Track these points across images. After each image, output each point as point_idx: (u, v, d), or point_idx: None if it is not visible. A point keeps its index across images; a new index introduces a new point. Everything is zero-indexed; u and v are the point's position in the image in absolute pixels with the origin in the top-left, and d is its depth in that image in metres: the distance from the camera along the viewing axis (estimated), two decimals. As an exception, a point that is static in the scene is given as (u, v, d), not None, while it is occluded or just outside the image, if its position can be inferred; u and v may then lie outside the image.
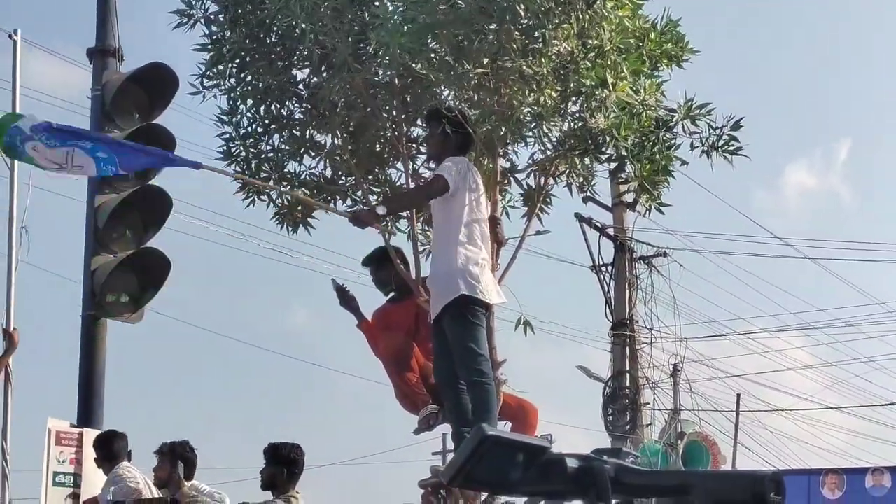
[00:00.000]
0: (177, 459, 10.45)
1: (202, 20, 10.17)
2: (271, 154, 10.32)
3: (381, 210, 8.83)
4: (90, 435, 11.82)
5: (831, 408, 31.41)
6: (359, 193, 10.31)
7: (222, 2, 10.06)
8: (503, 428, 8.92)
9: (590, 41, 9.21)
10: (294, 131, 10.30)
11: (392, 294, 9.95)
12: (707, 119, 9.86)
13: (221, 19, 10.10)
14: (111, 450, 10.65)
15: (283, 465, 9.16)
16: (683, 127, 9.85)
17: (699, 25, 10.16)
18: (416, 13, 8.83)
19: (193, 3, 10.16)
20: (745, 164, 9.99)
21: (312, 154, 10.38)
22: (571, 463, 3.48)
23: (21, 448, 11.41)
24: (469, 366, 8.47)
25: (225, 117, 10.25)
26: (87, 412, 12.35)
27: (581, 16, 9.02)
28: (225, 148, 10.29)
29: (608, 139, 9.51)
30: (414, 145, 10.11)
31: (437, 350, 8.75)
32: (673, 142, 9.90)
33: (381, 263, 9.90)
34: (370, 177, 10.31)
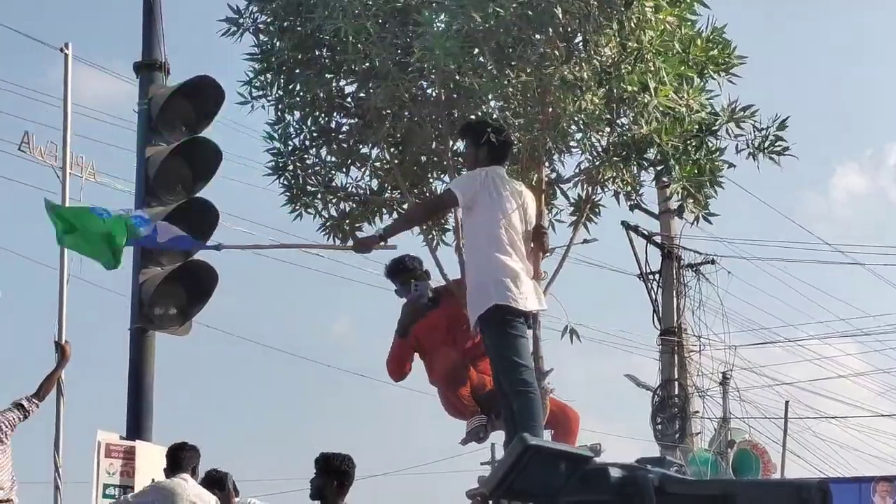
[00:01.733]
0: (224, 483, 10.63)
1: (251, 30, 10.20)
2: (318, 167, 10.35)
3: (377, 234, 9.03)
4: (140, 447, 11.89)
5: (884, 415, 31.18)
6: (405, 206, 10.32)
7: (271, 11, 10.08)
8: (547, 436, 8.89)
9: (629, 44, 9.16)
10: (341, 144, 10.32)
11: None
12: (752, 121, 9.78)
13: (271, 29, 10.12)
14: (172, 460, 10.65)
15: (333, 475, 9.14)
16: (728, 130, 9.77)
17: (743, 29, 10.06)
18: (457, 21, 8.83)
19: (242, 12, 10.19)
20: (794, 169, 9.91)
21: (358, 166, 10.40)
22: (615, 472, 3.48)
23: (71, 460, 11.46)
24: (510, 376, 8.46)
25: (273, 131, 10.27)
26: (137, 424, 12.41)
27: (621, 18, 8.98)
28: (274, 163, 10.32)
29: (650, 145, 9.47)
30: (459, 158, 10.12)
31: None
32: (718, 146, 9.83)
33: (407, 275, 9.88)
34: (415, 190, 10.31)
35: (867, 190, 63.10)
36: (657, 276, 25.67)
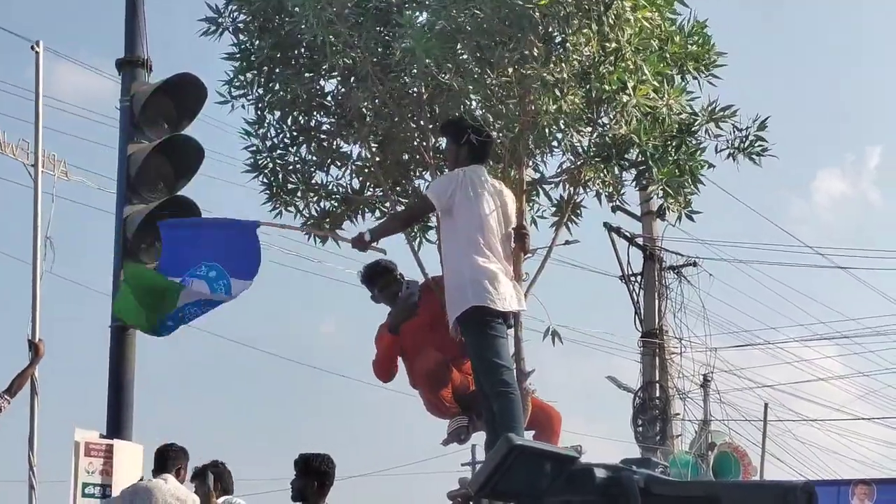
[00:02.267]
0: (205, 478, 10.56)
1: (230, 29, 10.16)
2: (298, 165, 10.32)
3: (367, 236, 9.00)
4: (119, 446, 11.83)
5: (863, 418, 31.27)
6: (387, 205, 10.29)
7: (251, 11, 10.05)
8: (529, 436, 8.87)
9: (608, 44, 9.14)
10: (322, 142, 10.29)
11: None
12: (731, 121, 9.77)
13: (251, 28, 10.09)
14: (157, 460, 10.61)
15: (313, 476, 9.11)
16: (707, 130, 9.76)
17: (724, 30, 10.04)
18: (438, 20, 8.80)
19: (222, 11, 10.16)
20: (777, 172, 9.98)
21: (339, 165, 10.37)
22: (600, 473, 3.45)
23: (50, 460, 11.42)
24: (490, 377, 8.44)
25: (251, 129, 10.24)
26: (117, 423, 12.35)
27: (600, 18, 8.96)
28: (252, 160, 10.28)
29: (629, 145, 9.45)
30: (441, 156, 10.10)
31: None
32: (697, 147, 9.81)
33: (391, 274, 9.84)
34: (398, 188, 10.29)
35: (848, 193, 63.29)
36: (639, 278, 25.68)
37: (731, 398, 27.45)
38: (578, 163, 9.72)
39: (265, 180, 10.29)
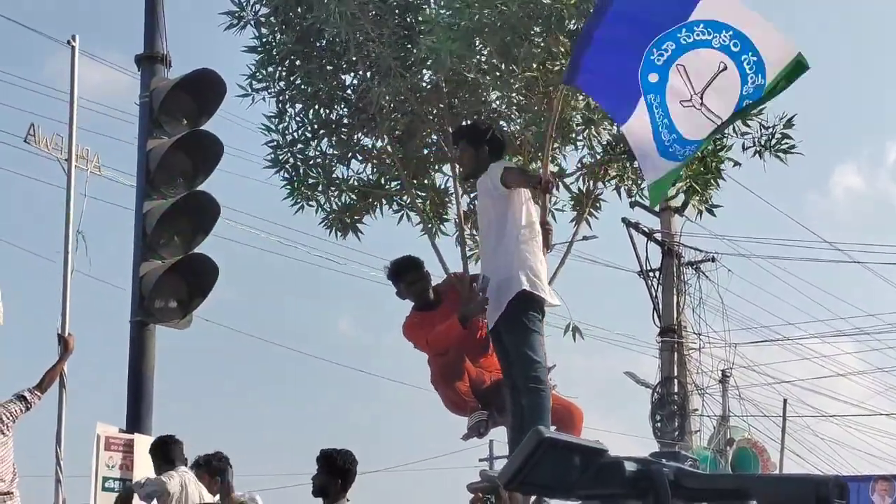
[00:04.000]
0: (214, 470, 10.47)
1: (252, 22, 10.18)
2: (319, 159, 10.32)
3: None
4: (139, 440, 11.84)
5: (882, 414, 31.18)
6: (405, 198, 10.28)
7: (272, 4, 10.05)
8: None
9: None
10: (342, 136, 10.30)
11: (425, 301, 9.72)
12: (758, 119, 9.75)
13: (272, 22, 10.10)
14: (166, 454, 10.58)
15: (336, 474, 9.07)
16: (734, 128, 9.75)
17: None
18: (463, 18, 8.79)
19: (244, 5, 10.16)
20: (795, 167, 9.87)
21: (360, 158, 10.37)
22: (629, 466, 3.43)
23: (72, 453, 11.42)
24: (524, 371, 8.45)
25: (272, 124, 10.24)
26: (136, 417, 12.37)
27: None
28: (273, 155, 10.29)
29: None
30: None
31: (500, 355, 8.74)
32: (723, 143, 9.80)
33: (419, 271, 9.76)
34: (416, 181, 10.29)
35: (866, 189, 63.14)
36: (657, 274, 25.64)
37: (750, 394, 27.40)
38: (605, 157, 9.71)
39: (286, 175, 10.29)
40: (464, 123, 9.40)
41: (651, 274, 25.54)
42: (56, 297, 11.20)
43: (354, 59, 9.67)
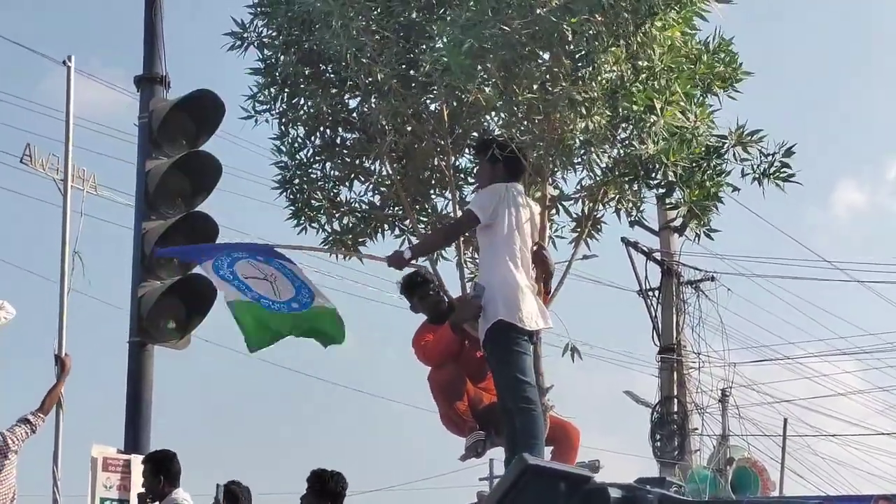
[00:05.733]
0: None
1: (255, 43, 10.19)
2: (321, 182, 10.35)
3: (406, 254, 8.96)
4: (136, 461, 11.83)
5: (883, 433, 31.13)
6: (407, 223, 10.30)
7: (276, 26, 10.07)
8: (547, 452, 8.86)
9: (640, 63, 9.16)
10: (344, 158, 10.32)
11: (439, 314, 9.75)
12: (758, 146, 9.78)
13: (276, 44, 10.11)
14: (169, 470, 10.50)
15: (328, 497, 9.05)
16: (734, 154, 9.78)
17: (746, 43, 10.02)
18: (467, 37, 8.81)
19: (247, 26, 10.19)
20: (794, 185, 9.90)
21: (362, 180, 10.39)
22: (615, 493, 3.46)
23: (68, 474, 11.43)
24: (513, 393, 8.45)
25: (281, 145, 10.25)
26: (134, 438, 12.37)
27: (630, 39, 8.98)
28: (281, 176, 10.31)
29: (658, 165, 9.46)
30: (461, 174, 10.13)
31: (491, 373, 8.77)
32: (723, 168, 9.83)
33: (428, 286, 9.79)
34: (417, 206, 10.30)
35: (866, 205, 63.10)
36: (657, 293, 25.62)
37: (750, 413, 27.35)
38: (605, 180, 9.74)
39: (290, 196, 10.31)
40: (485, 137, 9.39)
41: (650, 293, 25.52)
42: (53, 316, 11.24)
43: (355, 80, 9.68)
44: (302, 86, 10.05)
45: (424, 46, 9.22)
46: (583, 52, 8.94)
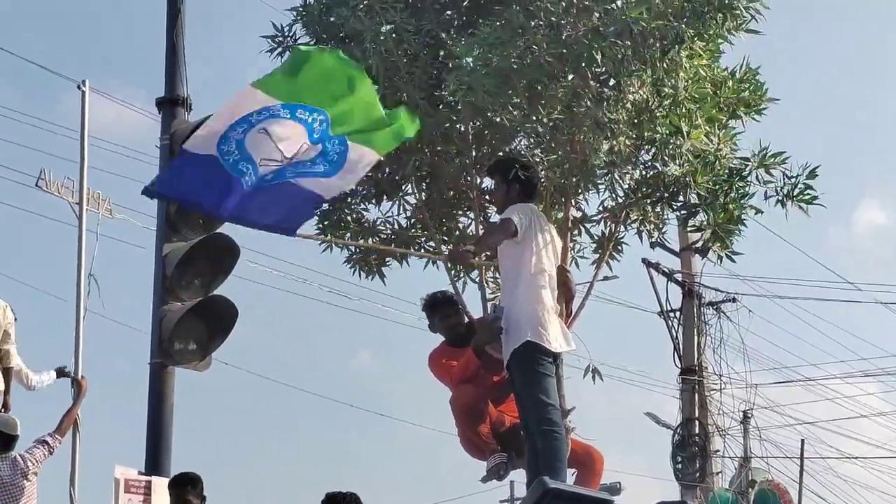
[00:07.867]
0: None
1: (290, 49, 10.23)
2: (349, 199, 10.37)
3: (470, 250, 8.86)
4: (158, 482, 11.83)
5: (907, 457, 30.92)
6: (430, 244, 10.30)
7: (314, 34, 10.12)
8: (570, 476, 8.84)
9: (664, 89, 9.16)
10: (369, 175, 10.34)
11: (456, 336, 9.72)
12: (781, 168, 9.78)
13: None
14: (202, 492, 10.42)
15: None
16: (757, 176, 9.77)
17: (765, 61, 10.03)
18: (493, 58, 8.82)
19: (284, 31, 10.25)
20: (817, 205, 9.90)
21: (388, 198, 10.40)
22: (635, 517, 3.43)
23: (90, 496, 11.45)
24: (537, 415, 8.43)
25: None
26: (155, 460, 12.36)
27: (657, 64, 8.99)
28: None
29: (682, 187, 9.46)
30: (486, 196, 10.13)
31: (514, 395, 8.75)
32: (746, 190, 9.82)
33: (454, 306, 9.77)
34: (443, 227, 10.30)
35: (889, 224, 62.82)
36: (678, 314, 25.56)
37: (772, 435, 27.25)
38: (628, 201, 9.73)
39: (318, 214, 10.31)
40: (500, 157, 9.38)
41: (671, 314, 25.46)
42: (70, 338, 11.26)
43: (384, 95, 9.71)
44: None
45: (450, 65, 9.23)
46: (609, 74, 8.95)
